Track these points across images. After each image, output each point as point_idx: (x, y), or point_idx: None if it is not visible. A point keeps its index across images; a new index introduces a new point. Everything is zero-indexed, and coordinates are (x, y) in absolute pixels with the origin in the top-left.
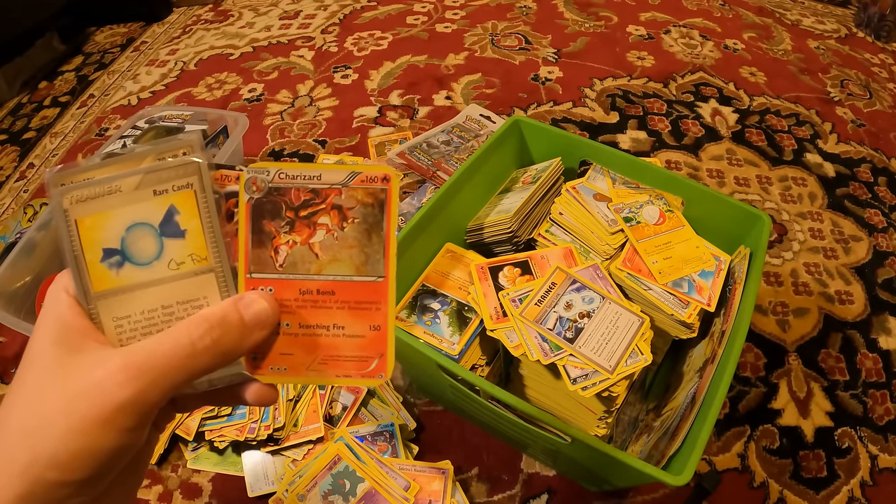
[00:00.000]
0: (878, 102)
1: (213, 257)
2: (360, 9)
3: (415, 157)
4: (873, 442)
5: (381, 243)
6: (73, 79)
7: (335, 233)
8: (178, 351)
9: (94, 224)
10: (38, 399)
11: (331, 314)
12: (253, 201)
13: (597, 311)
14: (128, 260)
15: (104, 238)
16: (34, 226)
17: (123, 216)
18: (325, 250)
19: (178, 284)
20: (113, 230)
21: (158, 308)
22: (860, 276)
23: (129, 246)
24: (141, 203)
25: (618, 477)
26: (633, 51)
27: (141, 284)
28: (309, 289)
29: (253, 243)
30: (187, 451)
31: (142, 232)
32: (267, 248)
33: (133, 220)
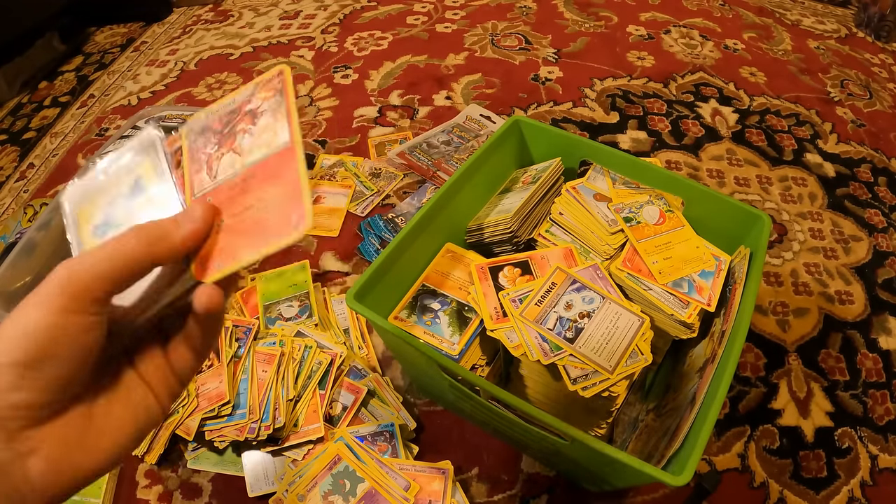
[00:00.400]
0: (878, 102)
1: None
2: (360, 9)
3: (415, 158)
4: (873, 442)
5: (284, 116)
6: (73, 79)
7: (250, 130)
8: (108, 246)
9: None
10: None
11: (254, 194)
12: (190, 141)
13: (597, 311)
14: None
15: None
16: (34, 226)
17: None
18: (244, 146)
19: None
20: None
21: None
22: (860, 276)
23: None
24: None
25: (618, 477)
26: (633, 51)
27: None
28: (236, 183)
29: (192, 172)
30: (187, 451)
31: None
32: (203, 168)
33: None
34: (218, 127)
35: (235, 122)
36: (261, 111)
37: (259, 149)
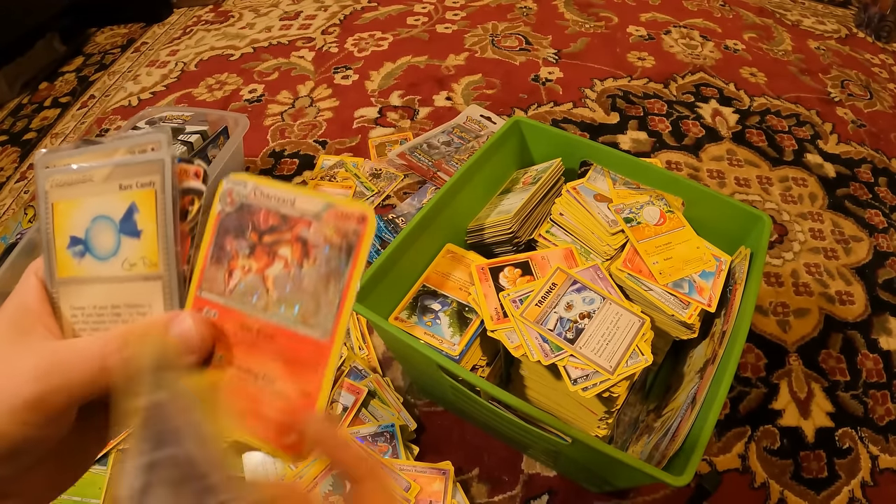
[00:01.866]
0: (879, 103)
1: (163, 265)
2: (360, 9)
3: (415, 158)
4: (874, 442)
5: (338, 296)
6: (73, 79)
7: (292, 269)
8: (88, 362)
9: (66, 210)
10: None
11: (264, 362)
12: (223, 214)
13: (597, 311)
14: (89, 251)
15: (72, 225)
16: (34, 226)
17: (91, 206)
18: (278, 287)
19: (128, 286)
20: (81, 219)
21: (108, 306)
22: (861, 276)
23: (91, 237)
24: (107, 195)
25: (618, 477)
26: (633, 51)
27: (97, 279)
28: (250, 325)
29: (211, 259)
30: None
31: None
32: (223, 268)
33: (98, 212)
34: (260, 224)
35: (281, 236)
36: (315, 254)
37: (290, 307)
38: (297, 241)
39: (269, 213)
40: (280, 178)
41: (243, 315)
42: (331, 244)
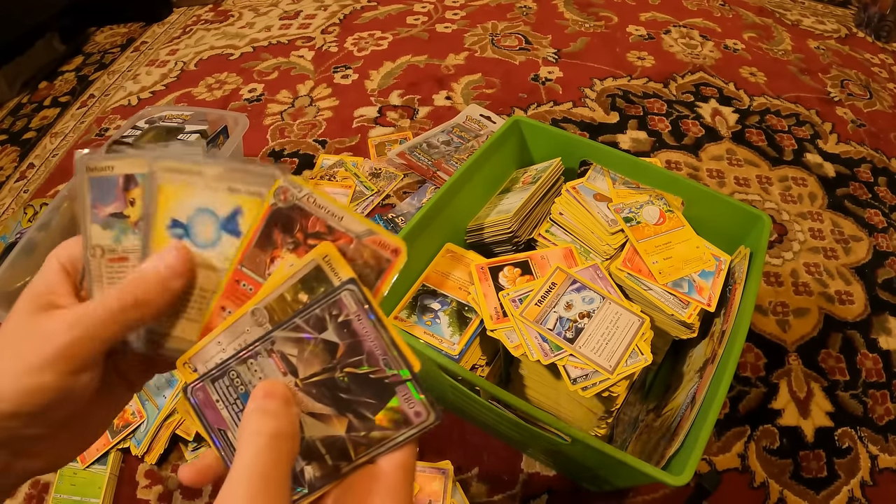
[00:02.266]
0: (879, 102)
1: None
2: (360, 9)
3: (415, 158)
4: (873, 442)
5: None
6: (73, 79)
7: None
8: (109, 307)
9: (173, 194)
10: (7, 345)
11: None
12: (275, 207)
13: (597, 311)
14: (189, 236)
15: (176, 209)
16: (34, 226)
17: (198, 198)
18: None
19: (216, 275)
20: (185, 206)
21: (198, 289)
22: (860, 276)
23: (193, 225)
24: (216, 193)
25: (618, 477)
26: (633, 51)
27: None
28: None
29: (256, 243)
30: (187, 451)
31: (207, 218)
32: (266, 254)
33: (204, 205)
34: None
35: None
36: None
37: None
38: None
39: (318, 221)
40: None
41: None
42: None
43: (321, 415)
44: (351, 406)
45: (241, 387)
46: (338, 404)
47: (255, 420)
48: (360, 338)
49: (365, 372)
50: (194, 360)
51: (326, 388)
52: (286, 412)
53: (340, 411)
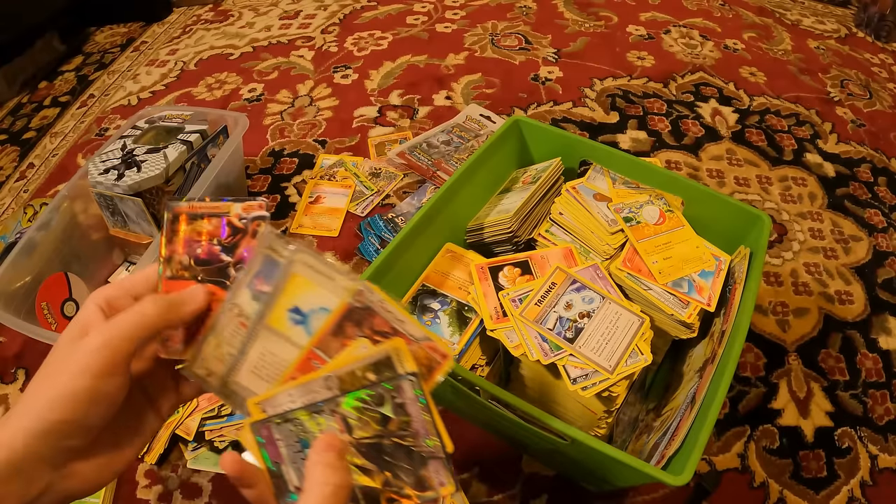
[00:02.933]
0: (878, 102)
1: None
2: (360, 9)
3: (415, 157)
4: (873, 442)
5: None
6: (73, 79)
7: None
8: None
9: (302, 286)
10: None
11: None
12: (351, 306)
13: (597, 311)
14: (304, 325)
15: (300, 299)
16: (34, 226)
17: (322, 297)
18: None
19: (293, 350)
20: (310, 299)
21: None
22: (860, 276)
23: (310, 318)
24: (338, 298)
25: (618, 477)
26: (633, 51)
27: (296, 344)
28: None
29: (331, 331)
30: (187, 451)
31: (324, 315)
32: (338, 341)
33: (325, 305)
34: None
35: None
36: None
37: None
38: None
39: (384, 322)
40: (279, 177)
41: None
42: (419, 361)
43: (365, 468)
44: (391, 467)
45: (302, 433)
46: (380, 463)
47: (323, 472)
48: (410, 417)
49: (408, 444)
50: (265, 403)
51: (374, 449)
52: (344, 465)
53: (381, 469)
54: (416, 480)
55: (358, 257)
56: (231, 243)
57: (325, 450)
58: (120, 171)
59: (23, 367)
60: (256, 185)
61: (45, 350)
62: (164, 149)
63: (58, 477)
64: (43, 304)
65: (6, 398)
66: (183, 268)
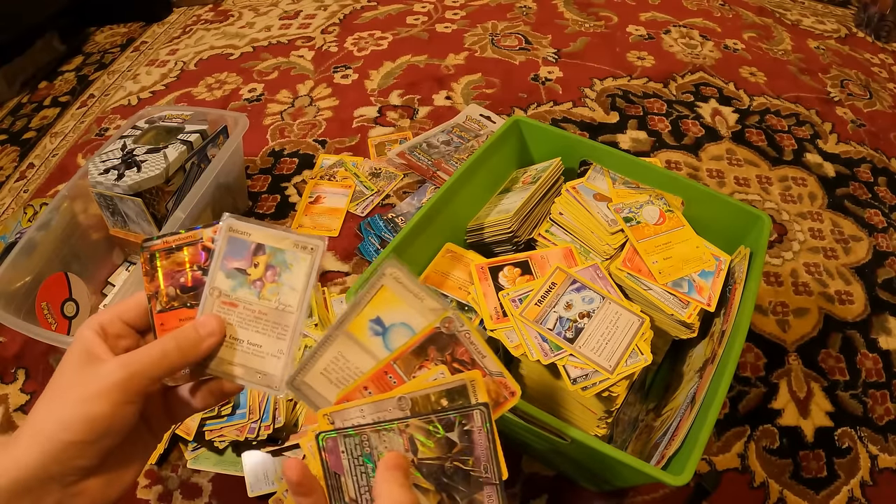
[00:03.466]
0: (878, 102)
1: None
2: (360, 9)
3: (415, 157)
4: (873, 442)
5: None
6: (73, 79)
7: None
8: (154, 352)
9: (387, 298)
10: (59, 392)
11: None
12: (437, 331)
13: (597, 311)
14: (382, 336)
15: (385, 312)
16: (34, 226)
17: (406, 313)
18: None
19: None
20: (393, 313)
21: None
22: (860, 276)
23: (390, 331)
24: (422, 318)
25: (618, 477)
26: (633, 51)
27: (371, 354)
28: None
29: (413, 351)
30: (187, 451)
31: (405, 331)
32: (417, 361)
33: (407, 321)
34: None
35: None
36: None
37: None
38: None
39: (466, 352)
40: (279, 177)
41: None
42: (489, 395)
43: (423, 488)
44: (447, 488)
45: (367, 449)
46: (438, 484)
47: (393, 490)
48: (474, 444)
49: (468, 468)
50: (334, 415)
51: (435, 470)
52: (410, 484)
53: (439, 489)
54: (469, 503)
55: (358, 257)
56: (209, 266)
57: (394, 468)
58: (120, 171)
59: (23, 367)
60: (256, 185)
61: (46, 350)
62: (164, 149)
63: (67, 495)
64: (43, 304)
65: (6, 398)
66: (171, 299)
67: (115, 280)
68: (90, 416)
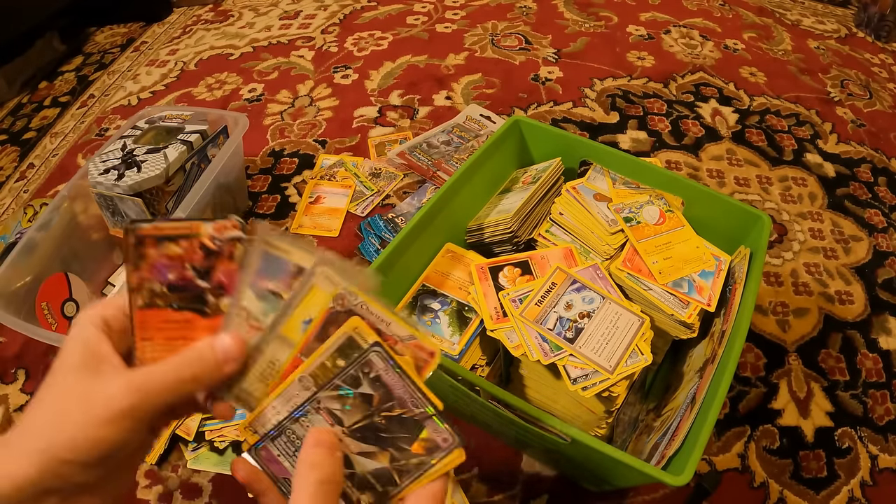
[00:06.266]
0: (878, 102)
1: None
2: (360, 9)
3: (415, 157)
4: (873, 442)
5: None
6: (73, 79)
7: None
8: (168, 378)
9: (322, 299)
10: (61, 402)
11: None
12: (333, 310)
13: (597, 311)
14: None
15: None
16: (34, 226)
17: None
18: None
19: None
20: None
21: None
22: (860, 276)
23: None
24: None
25: (618, 477)
26: (633, 51)
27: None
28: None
29: (315, 337)
30: (187, 451)
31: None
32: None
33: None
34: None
35: None
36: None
37: None
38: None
39: (369, 324)
40: (279, 177)
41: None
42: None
43: (368, 452)
44: (390, 442)
45: (297, 441)
46: (379, 442)
47: (305, 471)
48: (389, 388)
49: (398, 413)
50: (255, 423)
51: (368, 430)
52: (331, 460)
53: (382, 447)
54: (419, 445)
55: (358, 257)
56: (205, 267)
57: (312, 446)
58: (120, 172)
59: (23, 367)
60: (256, 185)
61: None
62: (164, 149)
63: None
64: (43, 304)
65: (6, 398)
66: (156, 295)
67: (115, 280)
68: (96, 440)
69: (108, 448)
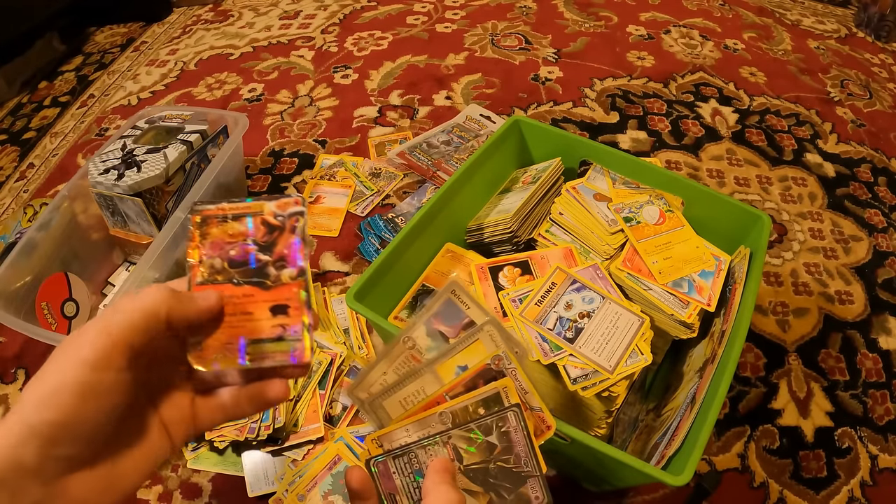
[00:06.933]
0: (878, 102)
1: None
2: (360, 9)
3: (415, 157)
4: (873, 442)
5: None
6: (73, 79)
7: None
8: (134, 300)
9: (478, 351)
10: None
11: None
12: (487, 366)
13: (597, 311)
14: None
15: (472, 361)
16: (34, 226)
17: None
18: None
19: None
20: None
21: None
22: (860, 276)
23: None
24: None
25: (618, 477)
26: (633, 51)
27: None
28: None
29: (465, 383)
30: (187, 451)
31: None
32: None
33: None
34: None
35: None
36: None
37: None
38: (514, 386)
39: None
40: (279, 177)
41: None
42: (530, 425)
43: (472, 491)
44: (495, 487)
45: (416, 465)
46: (486, 485)
47: (442, 490)
48: (513, 443)
49: (510, 466)
50: (382, 438)
51: (480, 473)
52: (458, 486)
53: (487, 490)
54: (517, 497)
55: (358, 257)
56: (268, 242)
57: (441, 471)
58: (120, 171)
59: (23, 367)
60: (256, 185)
61: (46, 350)
62: (164, 149)
63: (47, 496)
64: (43, 304)
65: (6, 398)
66: (215, 271)
67: (115, 280)
68: (60, 386)
69: (77, 391)
